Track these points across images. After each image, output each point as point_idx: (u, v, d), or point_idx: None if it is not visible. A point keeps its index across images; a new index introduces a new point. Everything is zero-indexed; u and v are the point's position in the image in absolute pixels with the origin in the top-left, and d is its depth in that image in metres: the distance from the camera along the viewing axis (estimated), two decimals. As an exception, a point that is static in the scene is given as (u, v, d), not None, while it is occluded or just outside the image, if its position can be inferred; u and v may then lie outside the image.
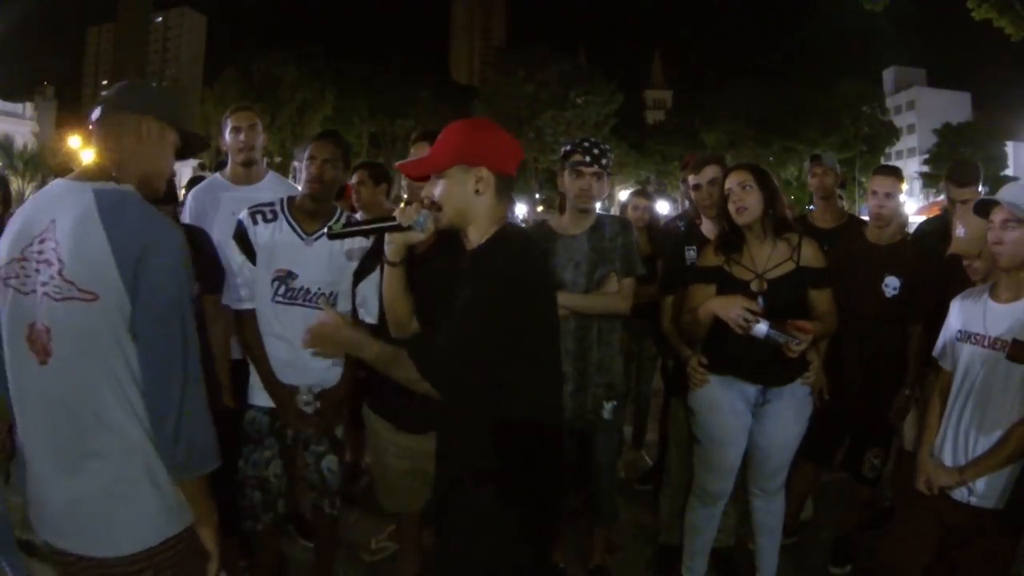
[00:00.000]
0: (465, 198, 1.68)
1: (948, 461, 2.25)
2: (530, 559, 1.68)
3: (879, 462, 3.23)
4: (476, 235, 1.71)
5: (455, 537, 1.71)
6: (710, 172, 3.06)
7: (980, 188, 3.43)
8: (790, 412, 2.72)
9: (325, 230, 2.50)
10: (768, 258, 2.66)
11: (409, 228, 1.69)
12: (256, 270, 2.53)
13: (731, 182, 2.68)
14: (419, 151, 2.49)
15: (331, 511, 2.69)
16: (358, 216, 3.44)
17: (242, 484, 2.55)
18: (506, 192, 1.72)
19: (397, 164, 1.85)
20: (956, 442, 2.24)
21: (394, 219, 1.71)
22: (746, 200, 2.62)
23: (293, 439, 2.62)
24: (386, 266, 1.80)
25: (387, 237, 1.77)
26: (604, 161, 2.77)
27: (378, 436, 2.65)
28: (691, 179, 3.18)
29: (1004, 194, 2.23)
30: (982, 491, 2.17)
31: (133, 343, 1.46)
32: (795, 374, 2.69)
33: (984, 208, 2.25)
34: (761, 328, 2.44)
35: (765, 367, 2.63)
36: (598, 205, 2.91)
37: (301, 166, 2.57)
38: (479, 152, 1.69)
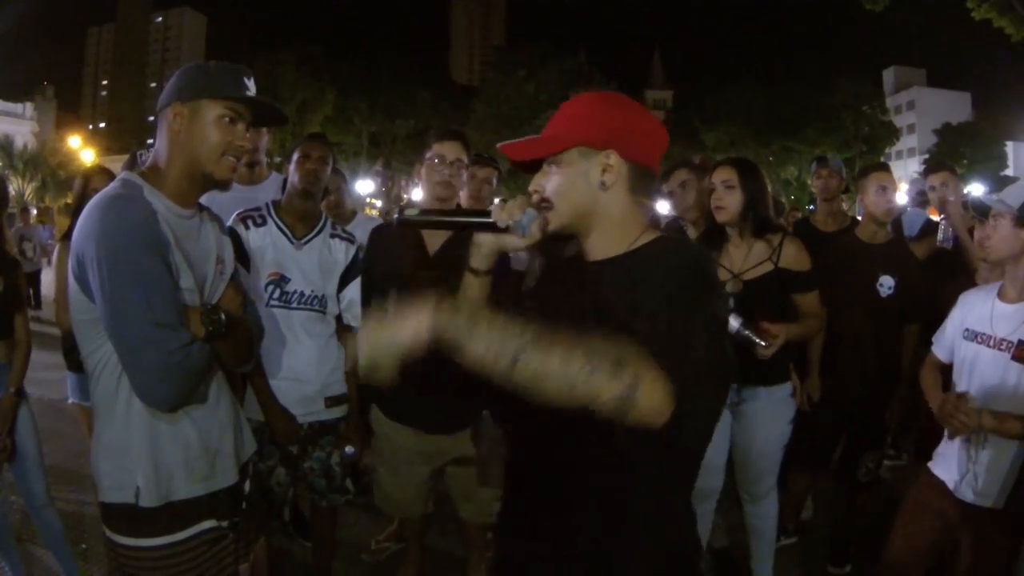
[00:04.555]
0: (588, 192, 1.24)
1: (953, 463, 2.24)
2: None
3: (874, 465, 3.23)
4: (606, 243, 1.26)
5: None
6: (680, 176, 3.06)
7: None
8: (768, 413, 2.70)
9: (311, 233, 2.54)
10: (746, 258, 2.64)
11: (506, 229, 1.27)
12: (250, 276, 2.51)
13: (715, 179, 2.66)
14: (448, 151, 2.41)
15: (331, 502, 2.67)
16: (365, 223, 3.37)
17: None
18: (644, 192, 1.28)
19: (500, 145, 1.35)
20: (960, 443, 2.23)
21: (488, 215, 1.30)
22: (725, 199, 2.62)
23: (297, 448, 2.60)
24: (467, 275, 1.37)
25: (474, 238, 1.36)
26: None
27: (394, 445, 2.58)
28: (664, 188, 3.14)
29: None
30: (983, 490, 2.16)
31: None
32: (769, 378, 2.66)
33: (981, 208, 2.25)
34: (732, 324, 2.42)
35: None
36: None
37: (291, 167, 2.56)
38: (608, 131, 1.24)
